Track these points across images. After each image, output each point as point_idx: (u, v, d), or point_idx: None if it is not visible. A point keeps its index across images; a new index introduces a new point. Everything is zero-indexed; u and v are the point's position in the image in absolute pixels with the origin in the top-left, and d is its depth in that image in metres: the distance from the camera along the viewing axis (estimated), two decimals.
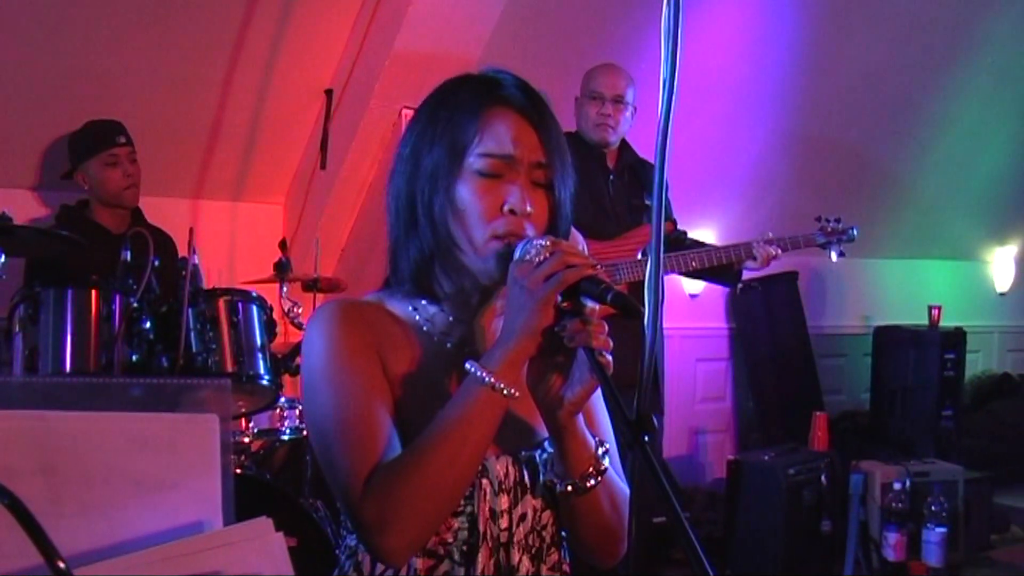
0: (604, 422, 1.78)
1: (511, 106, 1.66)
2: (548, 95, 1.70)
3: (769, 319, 6.72)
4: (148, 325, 3.42)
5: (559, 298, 1.50)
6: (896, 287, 7.50)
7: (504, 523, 1.65)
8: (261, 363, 3.62)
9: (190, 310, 3.50)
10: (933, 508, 5.00)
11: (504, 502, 1.66)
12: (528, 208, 1.62)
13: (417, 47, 4.59)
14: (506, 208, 1.61)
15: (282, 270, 4.09)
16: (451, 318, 1.72)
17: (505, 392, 1.52)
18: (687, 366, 6.64)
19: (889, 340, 6.80)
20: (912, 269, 7.60)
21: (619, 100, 4.42)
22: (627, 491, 1.75)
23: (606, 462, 1.66)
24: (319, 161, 4.99)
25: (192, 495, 0.95)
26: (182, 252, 4.08)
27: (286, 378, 3.79)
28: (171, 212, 4.81)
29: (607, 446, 1.68)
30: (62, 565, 0.82)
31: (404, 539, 1.51)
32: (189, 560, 0.90)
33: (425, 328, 1.71)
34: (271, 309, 3.76)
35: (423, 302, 1.72)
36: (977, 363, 7.41)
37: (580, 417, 1.62)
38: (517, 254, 1.56)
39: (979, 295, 8.02)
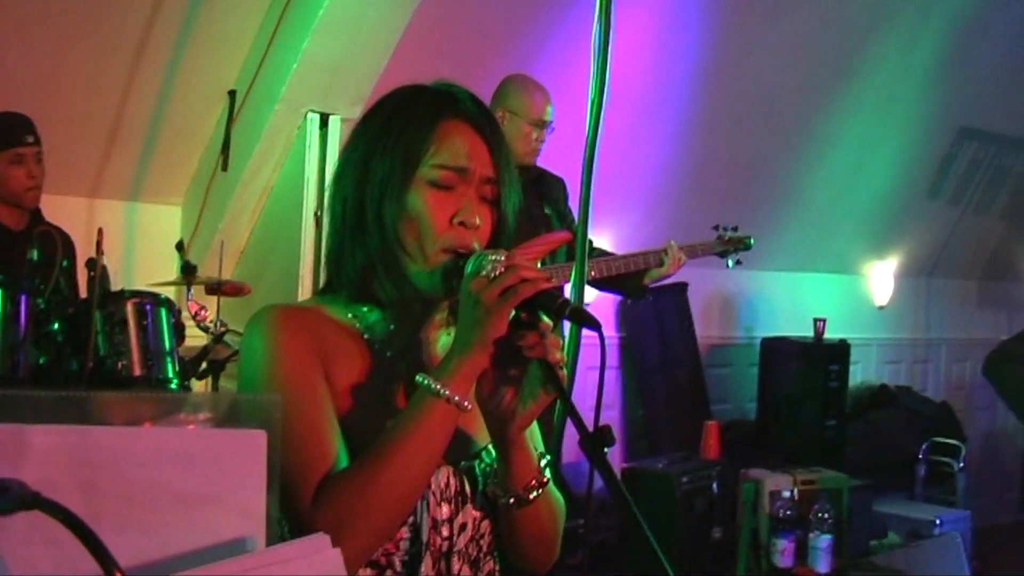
0: (536, 432, 1.81)
1: (466, 120, 1.69)
2: None
3: (659, 328, 6.84)
4: (56, 327, 3.38)
5: (514, 312, 1.53)
6: (781, 299, 7.68)
7: (446, 532, 1.67)
8: (170, 367, 3.61)
9: (98, 312, 3.46)
10: (820, 515, 5.16)
11: (446, 511, 1.67)
12: (477, 221, 1.65)
13: (325, 51, 4.60)
14: (456, 220, 1.64)
15: (188, 272, 4.06)
16: (392, 327, 1.73)
17: (459, 405, 1.54)
18: (577, 375, 6.70)
19: (776, 351, 6.98)
20: (797, 282, 7.79)
21: (550, 126, 4.48)
22: (562, 501, 1.82)
23: (548, 474, 1.70)
24: (220, 162, 4.96)
25: (237, 512, 0.95)
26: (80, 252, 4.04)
27: (194, 382, 3.78)
28: (67, 210, 4.73)
29: (548, 458, 1.73)
30: None
31: (356, 550, 1.51)
32: None
33: (366, 336, 1.71)
34: (179, 312, 3.74)
35: (364, 309, 1.72)
36: (856, 375, 7.65)
37: (527, 431, 1.66)
38: (470, 267, 1.57)
39: (859, 308, 8.27)
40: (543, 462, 1.71)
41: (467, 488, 1.71)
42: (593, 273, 4.42)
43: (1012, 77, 7.52)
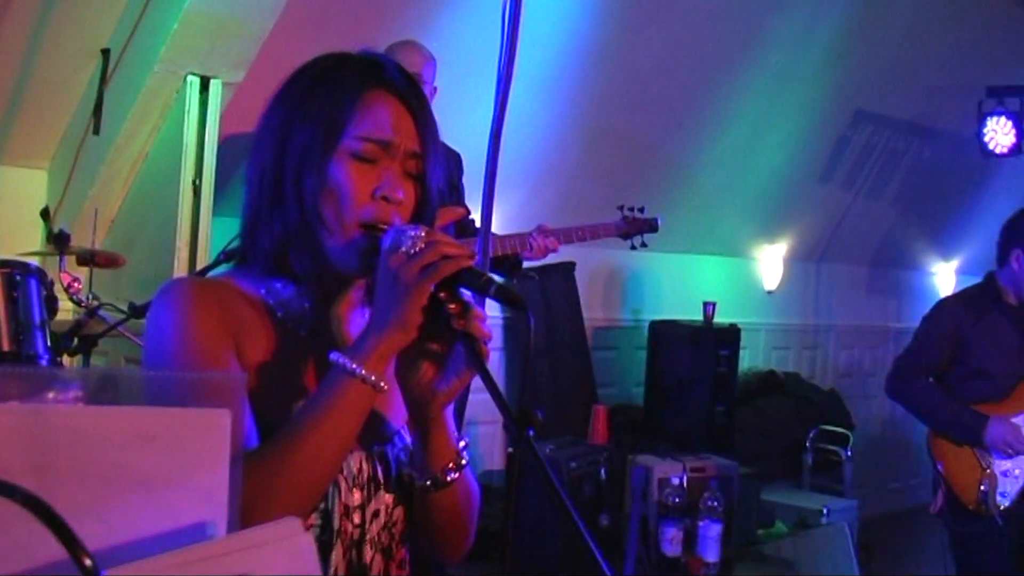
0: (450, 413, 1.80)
1: (392, 91, 1.70)
2: None
3: (545, 309, 6.90)
4: None
5: (433, 289, 1.52)
6: (670, 282, 7.82)
7: (357, 519, 1.67)
8: (40, 342, 3.56)
9: None
10: (710, 503, 5.29)
11: (357, 498, 1.67)
12: (400, 196, 1.66)
13: (208, 10, 4.54)
14: (379, 194, 1.65)
15: (61, 242, 4.01)
16: (306, 304, 1.72)
17: (375, 385, 1.54)
18: None
19: (665, 335, 7.09)
20: (686, 264, 7.94)
21: (416, 78, 4.49)
22: (476, 486, 1.83)
23: (466, 456, 1.72)
24: (91, 125, 4.88)
25: (198, 495, 0.95)
26: None
27: (65, 358, 3.74)
28: None
29: (466, 440, 1.75)
30: (88, 562, 0.83)
31: None
32: (216, 562, 0.90)
33: (279, 313, 1.71)
34: (52, 284, 3.69)
35: (277, 285, 1.72)
36: (744, 360, 7.82)
37: (447, 410, 1.68)
38: (387, 243, 1.57)
39: (749, 292, 8.46)
40: (461, 444, 1.72)
41: (380, 473, 1.71)
42: None
43: (910, 60, 7.74)
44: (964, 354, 4.72)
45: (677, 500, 5.33)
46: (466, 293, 1.56)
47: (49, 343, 3.59)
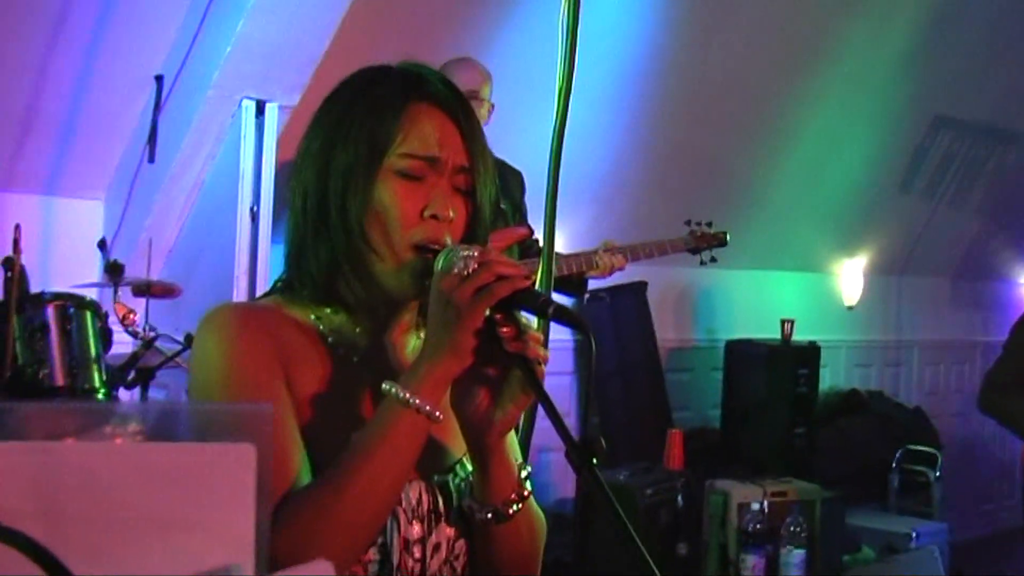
0: (514, 441, 1.76)
1: (437, 104, 1.66)
2: None
3: (615, 331, 6.83)
4: None
5: (488, 311, 1.49)
6: (744, 299, 7.71)
7: (418, 554, 1.63)
8: (96, 376, 3.56)
9: (16, 317, 3.41)
10: (792, 529, 5.19)
11: (417, 531, 1.63)
12: (450, 214, 1.62)
13: (261, 33, 4.53)
14: (428, 213, 1.61)
15: (115, 273, 4.01)
16: (357, 330, 1.69)
17: (430, 414, 1.51)
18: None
19: (741, 354, 6.99)
20: (760, 281, 7.83)
21: (473, 96, 4.46)
22: (542, 516, 1.79)
23: (529, 486, 1.68)
24: (146, 154, 4.89)
25: (221, 537, 0.91)
26: None
27: (122, 392, 3.73)
28: None
29: (529, 469, 1.70)
30: None
31: None
32: None
33: (330, 340, 1.68)
34: (106, 316, 3.69)
35: (327, 311, 1.69)
36: (825, 379, 7.70)
37: (507, 438, 1.63)
38: (440, 265, 1.54)
39: (828, 308, 8.32)
40: (523, 473, 1.68)
41: (441, 504, 1.67)
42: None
43: (988, 62, 7.60)
44: None
45: (758, 526, 5.25)
46: (522, 314, 1.52)
47: (105, 376, 3.58)
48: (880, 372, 8.72)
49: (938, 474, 7.24)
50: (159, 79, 4.88)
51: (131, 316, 3.91)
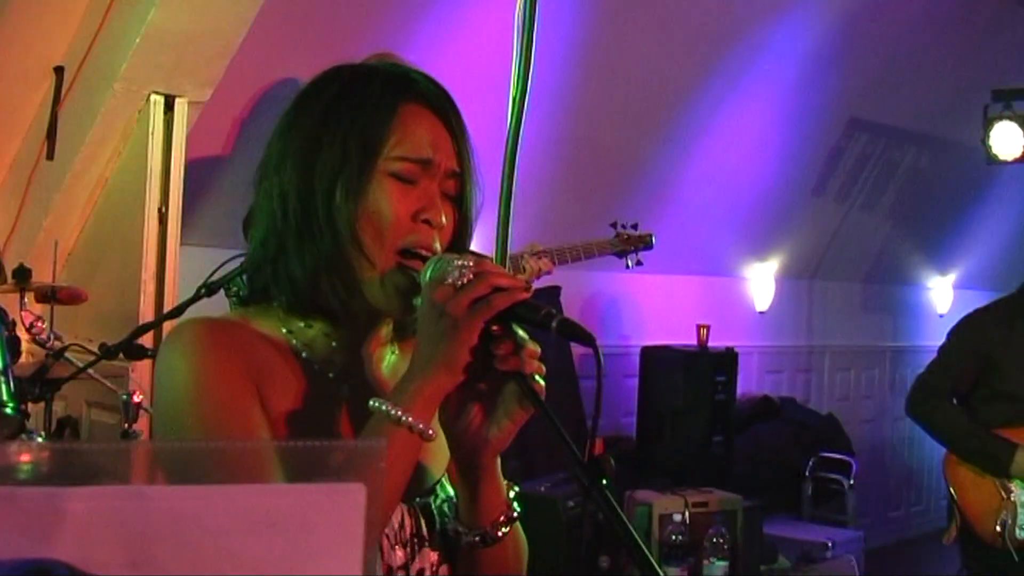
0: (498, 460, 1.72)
1: (428, 106, 1.62)
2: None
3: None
4: None
5: (484, 324, 1.45)
6: (655, 304, 7.72)
7: None
8: (4, 389, 3.42)
9: None
10: (715, 540, 5.21)
11: (400, 557, 1.59)
12: (443, 220, 1.59)
13: (172, 24, 4.41)
14: (420, 218, 1.57)
15: (21, 278, 3.87)
16: (333, 344, 1.64)
17: (423, 433, 1.46)
18: None
19: (657, 361, 6.98)
20: (672, 285, 7.84)
21: None
22: (525, 538, 1.75)
23: (517, 508, 1.64)
24: (45, 150, 4.76)
25: None
26: None
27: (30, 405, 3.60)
28: None
29: (517, 489, 1.67)
30: None
31: None
32: None
33: (304, 355, 1.63)
34: (13, 324, 3.56)
35: (300, 324, 1.63)
36: (738, 385, 7.76)
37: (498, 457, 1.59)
38: (429, 274, 1.49)
39: (739, 313, 8.39)
40: (511, 493, 1.64)
41: (424, 528, 1.63)
42: None
43: (904, 65, 7.72)
44: (991, 374, 4.62)
45: (680, 538, 5.25)
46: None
47: (13, 389, 3.45)
48: (791, 378, 8.81)
49: (852, 482, 7.33)
50: (59, 70, 4.75)
51: (38, 324, 3.76)
